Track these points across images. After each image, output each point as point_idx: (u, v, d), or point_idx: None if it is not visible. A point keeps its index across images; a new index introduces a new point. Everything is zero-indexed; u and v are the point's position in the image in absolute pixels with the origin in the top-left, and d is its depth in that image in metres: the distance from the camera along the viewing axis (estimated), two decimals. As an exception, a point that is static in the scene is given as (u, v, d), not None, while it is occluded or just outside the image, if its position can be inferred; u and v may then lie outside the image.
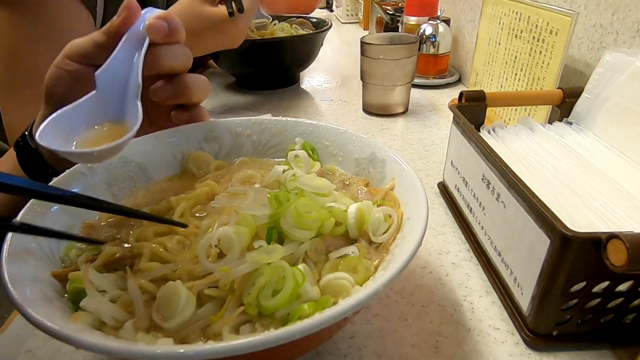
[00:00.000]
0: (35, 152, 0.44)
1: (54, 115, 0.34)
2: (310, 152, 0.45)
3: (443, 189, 0.56)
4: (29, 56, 0.56)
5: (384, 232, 0.34)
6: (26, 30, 0.56)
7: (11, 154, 0.48)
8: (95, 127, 0.36)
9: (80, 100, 0.36)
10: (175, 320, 0.28)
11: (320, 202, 0.35)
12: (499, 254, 0.40)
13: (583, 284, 0.32)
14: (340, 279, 0.31)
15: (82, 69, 0.40)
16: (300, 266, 0.31)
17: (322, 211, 0.34)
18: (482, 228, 0.44)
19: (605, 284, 0.32)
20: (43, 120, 0.33)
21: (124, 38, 0.38)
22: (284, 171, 0.41)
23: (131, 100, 0.37)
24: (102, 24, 0.67)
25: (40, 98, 0.42)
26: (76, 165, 0.37)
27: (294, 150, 0.45)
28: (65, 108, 0.35)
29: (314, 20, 1.04)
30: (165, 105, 0.44)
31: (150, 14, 0.40)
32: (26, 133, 0.45)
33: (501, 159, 0.39)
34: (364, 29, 1.52)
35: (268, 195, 0.34)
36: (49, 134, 0.32)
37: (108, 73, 0.37)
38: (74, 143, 0.34)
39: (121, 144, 0.33)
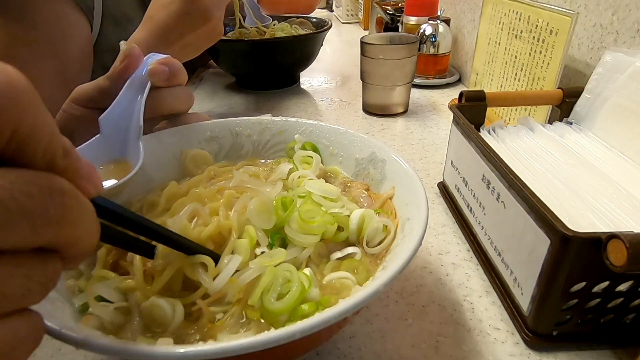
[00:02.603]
0: None
1: None
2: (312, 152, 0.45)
3: (443, 189, 0.56)
4: (18, 62, 0.57)
5: (379, 243, 0.35)
6: (18, 36, 0.57)
7: None
8: (100, 167, 0.38)
9: (85, 144, 0.38)
10: (171, 327, 0.28)
11: (327, 207, 0.35)
12: (499, 254, 0.40)
13: (583, 284, 0.32)
14: (343, 278, 0.31)
15: (88, 113, 0.42)
16: (306, 270, 0.31)
17: (326, 216, 0.34)
18: (482, 228, 0.44)
19: (605, 284, 0.32)
20: None
21: (127, 83, 0.40)
22: (289, 171, 0.41)
23: (133, 140, 0.39)
24: (100, 30, 0.67)
25: None
26: None
27: (295, 148, 0.45)
28: None
29: (314, 20, 1.04)
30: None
31: (153, 59, 0.42)
32: None
33: (501, 159, 0.39)
34: (364, 29, 1.52)
35: (274, 201, 0.34)
36: None
37: (111, 117, 0.39)
38: None
39: (122, 184, 0.35)
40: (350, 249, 0.34)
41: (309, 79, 1.05)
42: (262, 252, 0.31)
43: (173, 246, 0.29)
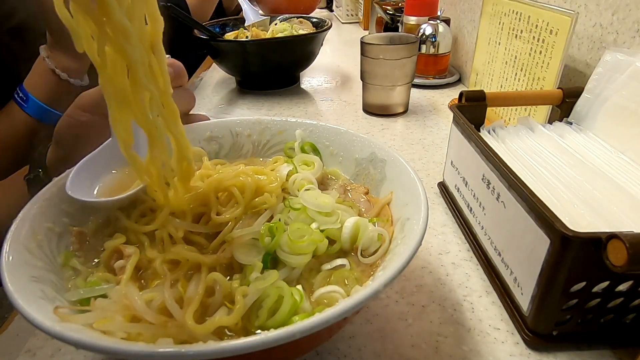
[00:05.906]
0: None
1: (78, 165, 0.36)
2: (312, 152, 0.45)
3: (443, 189, 0.56)
4: None
5: (374, 252, 0.34)
6: None
7: (12, 185, 0.49)
8: (113, 171, 0.38)
9: (98, 149, 0.38)
10: None
11: (320, 222, 0.35)
12: (499, 254, 0.40)
13: (583, 284, 0.32)
14: (332, 292, 0.31)
15: (95, 118, 0.42)
16: (298, 287, 0.31)
17: (315, 234, 0.34)
18: (482, 228, 0.44)
19: (605, 284, 0.32)
20: (60, 163, 0.35)
21: None
22: (289, 173, 0.41)
23: (145, 143, 0.38)
24: None
25: None
26: None
27: (294, 147, 0.45)
28: (86, 157, 0.37)
29: (314, 20, 1.04)
30: None
31: None
32: (39, 170, 0.46)
33: (501, 159, 0.39)
34: (364, 29, 1.52)
35: (261, 229, 0.34)
36: (76, 184, 0.35)
37: None
38: (96, 190, 0.37)
39: (135, 193, 0.36)
40: (339, 261, 0.34)
41: (309, 79, 1.05)
42: (256, 277, 0.31)
43: None
